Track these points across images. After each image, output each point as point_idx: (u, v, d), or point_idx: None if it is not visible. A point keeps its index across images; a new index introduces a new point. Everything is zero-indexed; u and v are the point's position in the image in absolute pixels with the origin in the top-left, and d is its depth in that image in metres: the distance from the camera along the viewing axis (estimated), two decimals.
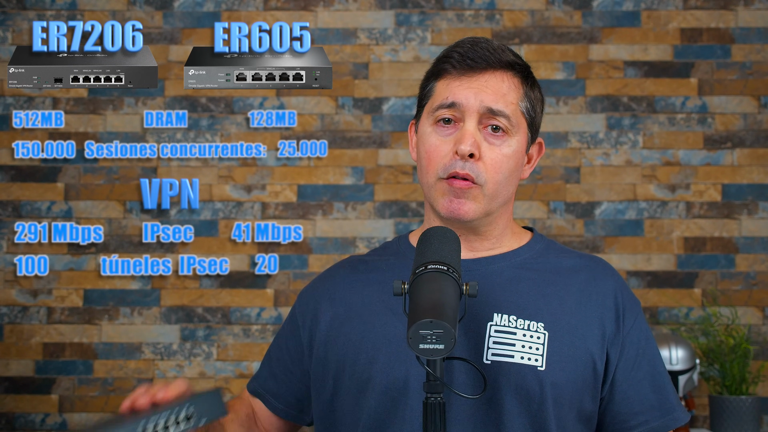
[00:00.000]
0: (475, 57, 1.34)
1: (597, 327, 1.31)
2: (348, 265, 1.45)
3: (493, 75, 1.34)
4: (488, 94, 1.32)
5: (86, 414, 3.21)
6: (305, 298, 1.45)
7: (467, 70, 1.34)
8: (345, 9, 3.36)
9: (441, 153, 1.32)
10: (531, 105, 1.38)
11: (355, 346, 1.32)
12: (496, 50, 1.35)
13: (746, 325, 3.18)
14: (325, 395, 1.36)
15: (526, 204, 3.27)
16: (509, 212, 1.40)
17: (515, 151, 1.34)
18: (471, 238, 1.36)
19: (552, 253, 1.40)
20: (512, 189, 1.37)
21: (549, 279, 1.34)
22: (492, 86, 1.33)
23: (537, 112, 1.40)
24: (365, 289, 1.38)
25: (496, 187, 1.32)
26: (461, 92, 1.33)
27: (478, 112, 1.32)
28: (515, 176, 1.36)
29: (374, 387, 1.29)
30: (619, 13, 3.33)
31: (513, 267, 1.36)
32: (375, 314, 1.34)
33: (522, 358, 1.26)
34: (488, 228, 1.37)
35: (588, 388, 1.28)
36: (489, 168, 1.31)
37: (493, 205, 1.34)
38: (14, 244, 3.25)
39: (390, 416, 1.28)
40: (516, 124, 1.34)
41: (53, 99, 3.31)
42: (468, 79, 1.33)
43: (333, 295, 1.40)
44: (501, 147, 1.33)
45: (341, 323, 1.36)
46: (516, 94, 1.35)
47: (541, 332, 1.28)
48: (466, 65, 1.34)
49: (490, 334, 1.28)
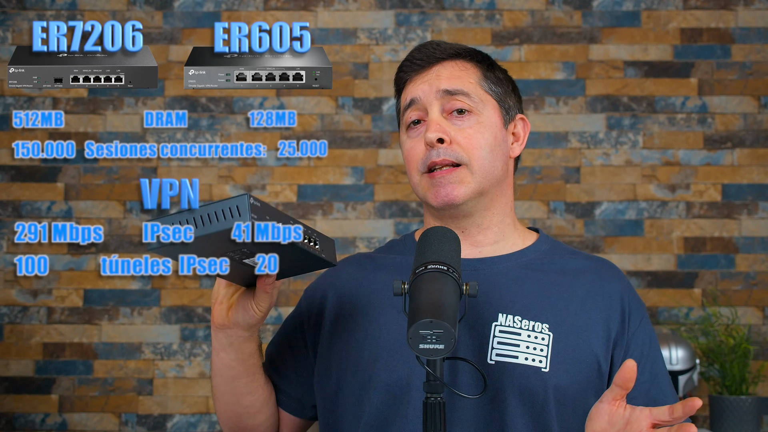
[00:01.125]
0: (422, 57, 1.38)
1: (602, 328, 1.31)
2: (354, 262, 1.46)
3: (443, 66, 1.37)
4: (441, 80, 1.35)
5: (86, 414, 3.21)
6: (311, 294, 1.45)
7: (418, 70, 1.38)
8: (345, 9, 3.36)
9: (416, 152, 1.35)
10: (493, 83, 1.38)
11: (359, 343, 1.33)
12: (441, 45, 1.39)
13: (746, 325, 3.18)
14: (328, 392, 1.36)
15: (526, 204, 3.27)
16: (507, 197, 1.39)
17: (488, 126, 1.34)
18: (473, 231, 1.36)
19: (558, 254, 1.39)
20: (500, 165, 1.36)
21: (555, 280, 1.34)
22: (444, 73, 1.36)
23: (504, 90, 1.40)
24: (370, 286, 1.38)
25: (482, 163, 1.32)
26: (416, 88, 1.36)
27: (436, 99, 1.34)
28: (499, 151, 1.36)
29: (377, 385, 1.29)
30: (619, 13, 3.33)
31: (519, 267, 1.35)
32: (379, 312, 1.34)
33: (526, 359, 1.26)
34: (486, 214, 1.36)
35: (592, 390, 1.28)
36: (466, 147, 1.32)
37: (484, 183, 1.33)
38: (14, 244, 3.25)
39: (392, 414, 1.28)
40: (479, 102, 1.35)
41: (53, 99, 3.31)
42: (421, 77, 1.37)
43: (339, 291, 1.40)
44: (471, 125, 1.33)
45: (346, 320, 1.36)
46: (472, 75, 1.37)
47: (546, 333, 1.28)
48: (417, 65, 1.38)
49: (495, 334, 1.28)
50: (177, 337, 3.23)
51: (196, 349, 3.23)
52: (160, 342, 3.24)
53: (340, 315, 1.38)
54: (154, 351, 3.24)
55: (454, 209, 1.33)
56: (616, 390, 1.10)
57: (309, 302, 1.44)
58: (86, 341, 3.24)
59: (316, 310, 1.41)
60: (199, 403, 3.22)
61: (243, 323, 1.23)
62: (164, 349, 3.24)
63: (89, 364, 3.23)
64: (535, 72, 3.29)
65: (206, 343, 3.23)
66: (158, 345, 3.24)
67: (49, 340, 3.24)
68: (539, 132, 3.28)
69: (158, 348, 3.24)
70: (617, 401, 1.11)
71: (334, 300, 1.40)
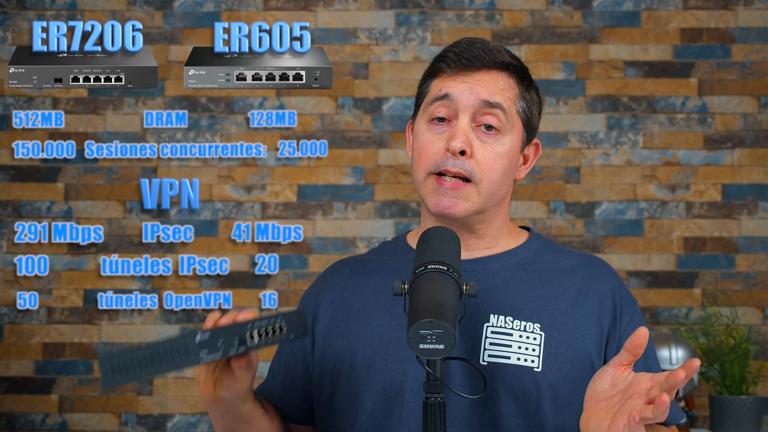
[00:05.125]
0: (470, 56, 1.34)
1: (594, 326, 1.31)
2: (346, 266, 1.45)
3: (488, 74, 1.34)
4: (483, 88, 1.32)
5: (86, 414, 3.21)
6: (306, 301, 1.45)
7: (462, 69, 1.34)
8: (345, 9, 3.36)
9: (433, 150, 1.32)
10: (527, 105, 1.36)
11: (352, 347, 1.32)
12: (491, 50, 1.35)
13: (746, 325, 3.18)
14: (324, 396, 1.36)
15: (526, 204, 3.27)
16: (505, 212, 1.39)
17: (509, 150, 1.33)
18: (466, 236, 1.35)
19: (549, 253, 1.39)
20: (507, 189, 1.36)
21: (546, 279, 1.34)
22: (487, 82, 1.33)
23: (533, 114, 1.38)
24: (363, 290, 1.38)
25: (491, 186, 1.31)
26: (455, 86, 1.33)
27: (472, 107, 1.31)
28: (509, 176, 1.35)
29: (371, 388, 1.29)
30: (619, 13, 3.33)
31: (509, 267, 1.35)
32: (372, 316, 1.34)
33: (518, 360, 1.26)
34: (482, 226, 1.36)
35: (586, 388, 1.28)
36: (482, 166, 1.30)
37: (488, 204, 1.33)
38: (14, 244, 3.25)
39: (387, 417, 1.28)
40: (510, 122, 1.33)
41: (53, 99, 3.31)
42: (463, 76, 1.33)
43: (332, 296, 1.40)
44: (494, 145, 1.31)
45: (338, 324, 1.36)
46: (512, 92, 1.34)
47: (538, 333, 1.28)
48: (461, 64, 1.34)
49: (487, 335, 1.28)
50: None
51: None
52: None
53: (334, 320, 1.38)
54: None
55: (451, 220, 1.33)
56: (624, 355, 1.10)
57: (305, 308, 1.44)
58: (86, 341, 3.24)
59: (311, 316, 1.41)
60: (199, 403, 3.22)
61: (231, 396, 1.22)
62: None
63: (89, 364, 3.23)
64: (535, 72, 3.29)
65: None
66: None
67: (49, 340, 3.24)
68: (539, 132, 3.28)
69: None
70: (623, 366, 1.11)
71: (327, 305, 1.40)
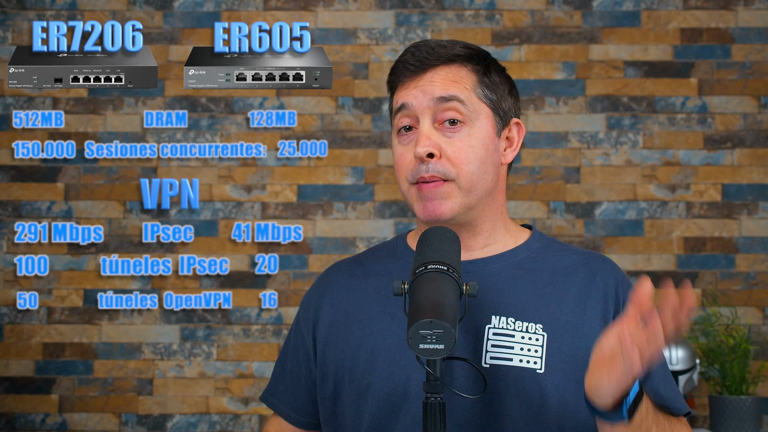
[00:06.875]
0: (415, 61, 1.34)
1: (599, 324, 1.29)
2: (344, 269, 1.44)
3: (438, 71, 1.33)
4: (435, 86, 1.32)
5: (86, 414, 3.21)
6: (305, 306, 1.44)
7: (412, 75, 1.34)
8: (345, 9, 3.36)
9: (406, 160, 1.33)
10: (490, 89, 1.35)
11: (354, 352, 1.32)
12: (435, 49, 1.34)
13: (746, 325, 3.18)
14: (327, 401, 1.36)
15: (526, 204, 3.27)
16: (499, 202, 1.37)
17: (480, 139, 1.32)
18: (462, 234, 1.34)
19: (550, 252, 1.38)
20: (491, 177, 1.33)
21: (547, 279, 1.33)
22: (438, 80, 1.32)
23: (501, 95, 1.36)
24: (362, 294, 1.37)
25: (470, 178, 1.30)
26: (409, 93, 1.33)
27: (429, 108, 1.31)
28: (489, 163, 1.33)
29: (374, 393, 1.28)
30: (619, 13, 3.33)
31: (510, 267, 1.34)
32: (373, 320, 1.33)
33: (521, 361, 1.25)
34: (476, 221, 1.35)
35: None
36: (455, 162, 1.29)
37: (472, 197, 1.31)
38: (14, 244, 3.25)
39: (391, 422, 1.27)
40: (474, 110, 1.32)
41: (53, 99, 3.31)
42: (414, 81, 1.34)
43: (331, 301, 1.39)
44: (462, 138, 1.31)
45: (339, 329, 1.36)
46: (468, 81, 1.33)
47: (540, 334, 1.27)
48: (410, 71, 1.34)
49: (489, 337, 1.27)
50: (177, 337, 3.23)
51: (196, 349, 3.23)
52: (160, 342, 3.24)
53: (334, 324, 1.37)
54: (154, 351, 3.24)
55: (442, 222, 1.32)
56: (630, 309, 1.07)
57: (305, 315, 1.43)
58: (86, 341, 3.24)
59: (311, 321, 1.41)
60: (198, 403, 3.22)
61: None
62: (164, 349, 3.24)
63: (89, 364, 3.23)
64: (535, 72, 3.29)
65: (206, 343, 3.23)
66: (158, 345, 3.24)
67: (49, 340, 3.24)
68: (539, 132, 3.28)
69: (158, 348, 3.24)
70: (631, 322, 1.07)
71: (328, 308, 1.39)
